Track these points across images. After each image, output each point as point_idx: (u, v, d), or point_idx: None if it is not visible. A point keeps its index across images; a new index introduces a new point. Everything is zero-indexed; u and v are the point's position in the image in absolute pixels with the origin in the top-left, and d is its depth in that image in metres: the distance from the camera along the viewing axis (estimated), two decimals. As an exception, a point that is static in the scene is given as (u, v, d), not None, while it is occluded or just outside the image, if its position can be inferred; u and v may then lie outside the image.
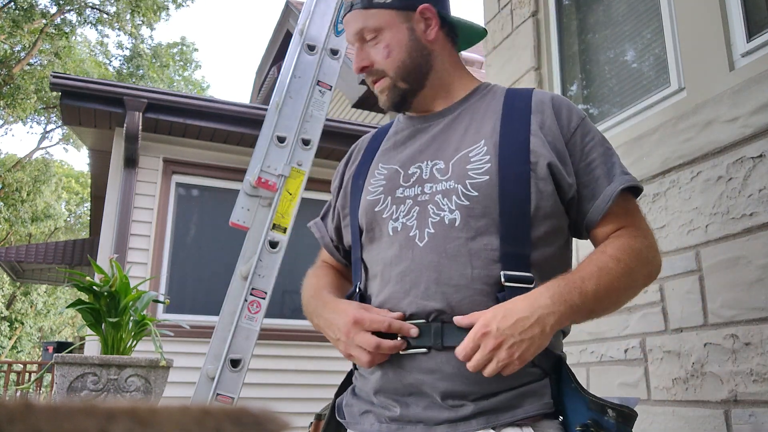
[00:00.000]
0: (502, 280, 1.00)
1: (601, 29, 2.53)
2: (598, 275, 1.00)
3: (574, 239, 1.19)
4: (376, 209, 1.12)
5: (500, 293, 1.00)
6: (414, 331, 1.00)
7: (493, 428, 0.97)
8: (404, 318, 1.03)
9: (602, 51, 2.51)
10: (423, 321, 1.01)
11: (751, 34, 1.75)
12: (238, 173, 4.93)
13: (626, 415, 0.98)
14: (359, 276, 1.15)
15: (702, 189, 1.80)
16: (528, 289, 1.00)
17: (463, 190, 1.05)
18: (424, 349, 1.00)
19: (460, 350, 0.96)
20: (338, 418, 1.14)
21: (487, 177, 1.04)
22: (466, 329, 0.97)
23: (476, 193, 1.04)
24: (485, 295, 1.01)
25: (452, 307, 1.00)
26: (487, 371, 0.94)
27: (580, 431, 0.97)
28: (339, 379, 1.22)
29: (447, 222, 1.04)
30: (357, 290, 1.14)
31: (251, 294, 2.29)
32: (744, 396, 1.60)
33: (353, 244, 1.19)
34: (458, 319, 0.99)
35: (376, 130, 1.32)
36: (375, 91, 1.20)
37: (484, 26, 3.14)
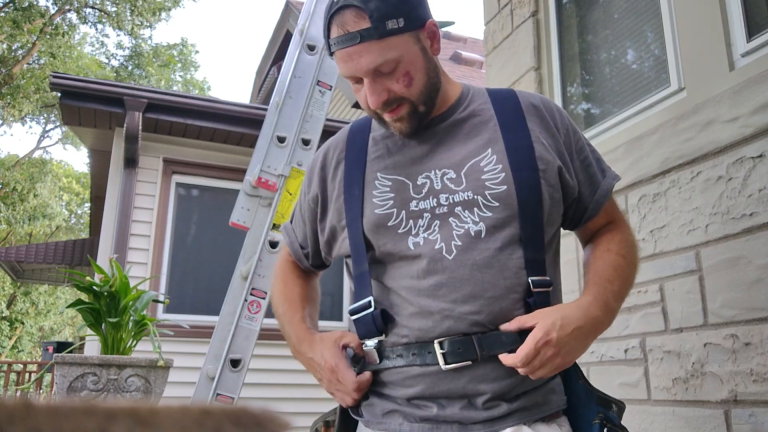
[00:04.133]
0: (532, 286, 1.03)
1: (601, 29, 2.53)
2: (618, 276, 1.09)
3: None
4: (389, 224, 1.07)
5: (530, 299, 1.03)
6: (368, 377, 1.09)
7: (525, 424, 1.01)
8: (438, 335, 1.02)
9: (602, 51, 2.51)
10: (461, 334, 1.01)
11: (751, 34, 1.76)
12: (238, 173, 4.93)
13: (621, 408, 1.11)
14: (366, 290, 1.09)
15: (702, 189, 1.80)
16: (547, 293, 1.05)
17: (484, 201, 1.05)
18: (469, 362, 1.00)
19: (521, 357, 0.97)
20: (355, 416, 1.13)
21: (505, 187, 1.06)
22: (507, 334, 1.01)
23: (497, 204, 1.05)
24: (517, 302, 1.03)
25: (492, 318, 1.02)
26: (539, 374, 0.99)
27: (598, 423, 1.03)
28: (339, 380, 1.21)
29: (473, 234, 1.04)
30: (372, 307, 1.07)
31: (251, 294, 2.29)
32: (744, 396, 1.60)
33: (357, 257, 1.12)
34: (506, 326, 1.01)
35: (348, 129, 1.24)
36: (389, 120, 1.09)
37: (485, 25, 3.15)
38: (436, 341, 1.01)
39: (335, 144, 1.23)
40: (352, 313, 1.10)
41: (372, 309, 1.07)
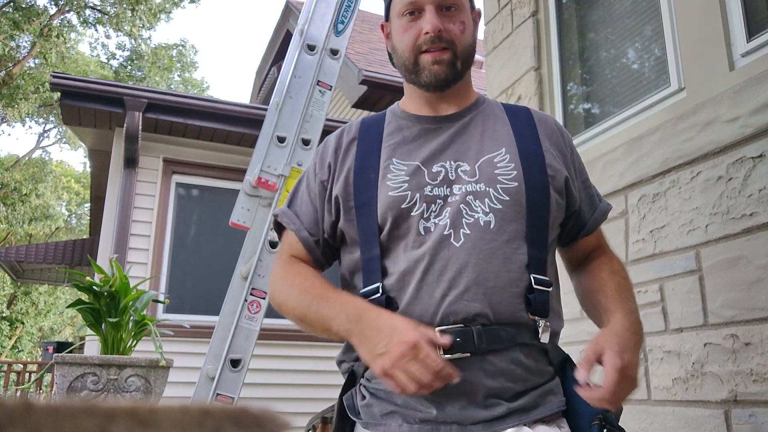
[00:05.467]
0: (533, 283, 1.05)
1: (601, 29, 2.53)
2: (632, 297, 1.15)
3: None
4: (403, 206, 1.08)
5: (530, 295, 1.04)
6: (456, 380, 0.95)
7: (525, 425, 1.00)
8: (438, 323, 1.01)
9: (602, 51, 2.51)
10: (461, 325, 1.01)
11: (751, 34, 1.76)
12: (238, 173, 4.93)
13: (620, 408, 1.11)
14: (376, 276, 1.08)
15: (702, 189, 1.80)
16: (547, 293, 1.07)
17: (495, 194, 1.07)
18: (467, 354, 1.00)
19: (610, 388, 0.97)
20: (352, 417, 1.11)
21: (516, 183, 1.08)
22: (506, 330, 1.02)
23: (508, 198, 1.07)
24: (518, 297, 1.04)
25: (492, 309, 1.02)
26: (617, 404, 0.99)
27: (597, 425, 1.03)
28: (339, 379, 1.20)
29: (482, 224, 1.05)
30: (380, 292, 1.06)
31: (251, 294, 2.29)
32: (744, 396, 1.60)
33: (365, 241, 1.10)
34: (582, 376, 1.00)
35: (361, 121, 1.25)
36: (428, 61, 1.14)
37: (484, 26, 3.15)
38: (436, 330, 1.01)
39: (348, 128, 1.24)
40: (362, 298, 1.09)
41: (379, 295, 1.06)
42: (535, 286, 1.04)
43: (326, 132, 2.50)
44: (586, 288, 1.20)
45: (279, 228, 1.27)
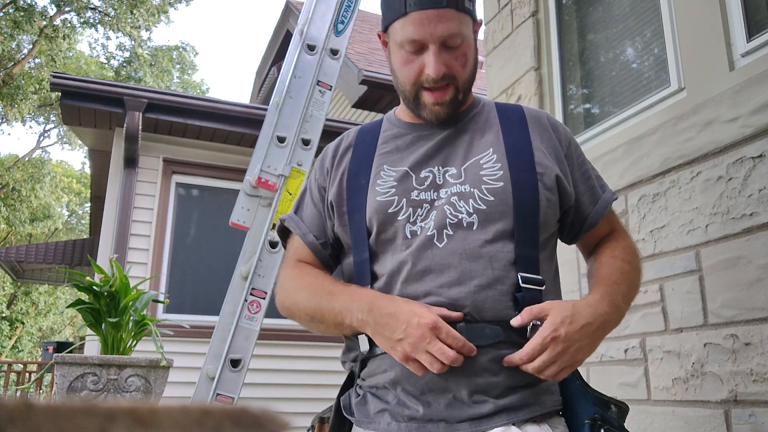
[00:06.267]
0: (520, 282, 1.04)
1: (601, 29, 2.53)
2: (625, 279, 1.12)
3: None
4: (390, 211, 1.10)
5: (518, 293, 1.04)
6: (474, 352, 0.98)
7: (513, 424, 1.00)
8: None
9: (602, 51, 2.51)
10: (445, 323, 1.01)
11: (751, 34, 1.75)
12: (238, 173, 4.93)
13: (623, 409, 1.11)
14: (365, 279, 1.11)
15: (702, 189, 1.80)
16: (539, 291, 1.06)
17: (480, 195, 1.08)
18: None
19: (527, 351, 0.97)
20: (347, 416, 1.12)
21: (502, 183, 1.08)
22: (491, 327, 1.01)
23: (492, 198, 1.07)
24: (504, 295, 1.04)
25: (476, 308, 1.02)
26: (547, 373, 0.98)
27: (590, 423, 1.03)
28: (339, 379, 1.21)
29: (465, 224, 1.06)
30: None
31: (251, 294, 2.29)
32: (744, 396, 1.60)
33: (356, 245, 1.14)
34: (516, 321, 1.01)
35: (359, 128, 1.27)
36: (430, 102, 1.11)
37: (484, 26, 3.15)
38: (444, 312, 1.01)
39: (346, 135, 1.27)
40: None
41: None
42: (523, 285, 1.04)
43: (326, 132, 2.50)
44: (587, 273, 1.21)
45: (283, 235, 1.30)
